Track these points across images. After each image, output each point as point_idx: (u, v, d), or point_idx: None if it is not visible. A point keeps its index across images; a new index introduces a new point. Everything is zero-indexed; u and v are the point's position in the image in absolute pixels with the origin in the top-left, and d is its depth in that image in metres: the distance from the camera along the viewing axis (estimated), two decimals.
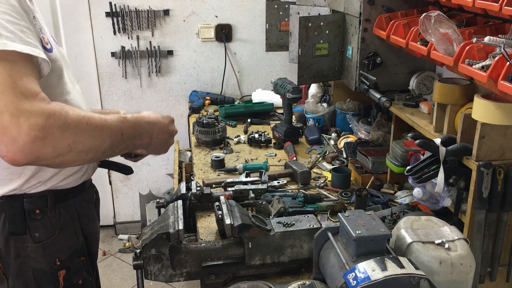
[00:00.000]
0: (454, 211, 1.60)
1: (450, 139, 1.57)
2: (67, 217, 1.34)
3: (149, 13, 3.26)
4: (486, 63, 1.34)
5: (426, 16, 1.53)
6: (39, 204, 1.28)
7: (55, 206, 1.31)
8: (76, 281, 1.38)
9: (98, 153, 1.10)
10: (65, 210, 1.34)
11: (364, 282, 1.09)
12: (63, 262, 1.34)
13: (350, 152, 2.31)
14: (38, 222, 1.28)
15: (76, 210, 1.37)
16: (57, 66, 1.24)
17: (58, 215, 1.32)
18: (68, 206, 1.35)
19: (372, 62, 2.07)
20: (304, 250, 1.47)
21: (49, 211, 1.30)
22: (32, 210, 1.27)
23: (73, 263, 1.37)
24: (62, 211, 1.33)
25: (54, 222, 1.31)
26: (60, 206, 1.32)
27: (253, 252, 1.44)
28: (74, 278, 1.37)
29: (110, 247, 3.60)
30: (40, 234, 1.29)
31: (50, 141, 0.99)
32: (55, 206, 1.31)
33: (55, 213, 1.31)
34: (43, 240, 1.30)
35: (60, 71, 1.27)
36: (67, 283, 1.36)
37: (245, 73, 3.54)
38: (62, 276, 1.34)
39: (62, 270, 1.34)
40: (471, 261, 1.24)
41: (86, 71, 3.36)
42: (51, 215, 1.30)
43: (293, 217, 1.55)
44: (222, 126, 2.60)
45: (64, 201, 1.33)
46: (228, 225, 1.39)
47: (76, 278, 1.38)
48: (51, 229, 1.31)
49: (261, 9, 3.31)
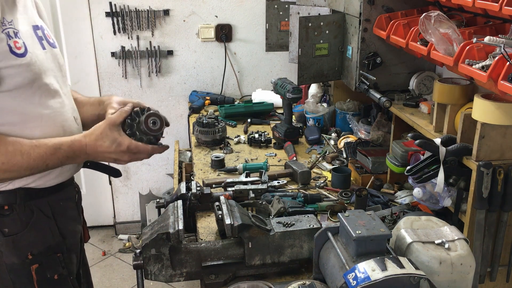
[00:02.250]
0: (454, 211, 1.60)
1: (450, 139, 1.57)
2: (40, 214, 1.36)
3: (149, 13, 3.26)
4: (486, 63, 1.34)
5: (426, 16, 1.53)
6: (8, 201, 1.31)
7: (25, 203, 1.33)
8: (51, 276, 1.39)
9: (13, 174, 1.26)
10: (38, 208, 1.36)
11: (364, 282, 1.09)
12: (36, 257, 1.35)
13: (350, 152, 2.31)
14: (7, 217, 1.31)
15: (50, 208, 1.39)
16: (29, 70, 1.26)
17: (29, 212, 1.34)
18: (41, 204, 1.37)
19: (372, 62, 2.07)
20: (304, 250, 1.47)
21: (18, 208, 1.32)
22: (1, 206, 1.31)
23: (47, 258, 1.38)
24: (34, 209, 1.35)
25: (24, 219, 1.33)
26: (32, 204, 1.34)
27: (253, 252, 1.44)
28: (49, 273, 1.38)
29: (110, 247, 3.60)
30: (9, 229, 1.32)
31: None
32: (25, 203, 1.33)
33: (25, 210, 1.33)
34: (12, 235, 1.32)
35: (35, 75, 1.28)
36: (41, 277, 1.37)
37: (245, 73, 3.54)
38: (35, 270, 1.36)
39: (35, 264, 1.36)
40: (471, 261, 1.24)
41: (86, 71, 3.36)
42: (20, 211, 1.32)
43: (293, 217, 1.55)
44: (222, 126, 2.60)
45: (36, 199, 1.35)
46: (228, 225, 1.39)
47: (51, 273, 1.39)
48: (21, 225, 1.33)
49: (261, 9, 3.31)
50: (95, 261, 3.43)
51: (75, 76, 3.36)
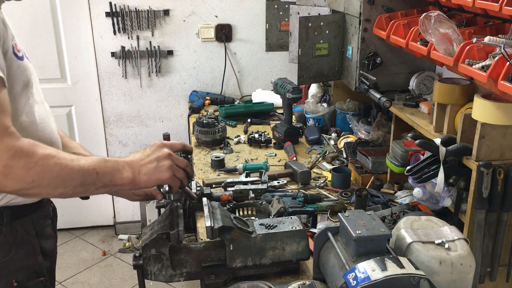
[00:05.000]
0: (454, 211, 1.60)
1: (450, 139, 1.57)
2: (24, 234, 1.27)
3: (149, 13, 3.26)
4: (486, 63, 1.34)
5: (426, 16, 1.53)
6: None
7: (11, 223, 1.24)
8: None
9: (68, 189, 1.11)
10: (22, 227, 1.27)
11: (364, 282, 1.09)
12: (21, 283, 1.26)
13: (350, 152, 2.30)
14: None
15: (33, 227, 1.30)
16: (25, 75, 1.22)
17: (15, 233, 1.25)
18: (25, 223, 1.28)
19: (372, 62, 2.07)
20: (286, 253, 1.45)
21: (4, 229, 1.23)
22: None
23: (32, 283, 1.29)
24: (19, 229, 1.26)
25: (11, 240, 1.24)
26: (17, 223, 1.25)
27: (234, 255, 1.43)
28: None
29: (110, 247, 3.60)
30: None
31: (13, 177, 1.02)
32: (11, 223, 1.24)
33: (11, 231, 1.24)
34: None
35: (28, 81, 1.24)
36: None
37: (245, 73, 3.54)
38: None
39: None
40: (471, 261, 1.24)
41: (86, 71, 3.36)
42: (7, 232, 1.23)
43: (277, 219, 1.53)
44: (222, 126, 2.61)
45: (21, 218, 1.26)
46: (208, 227, 1.37)
47: None
48: (7, 248, 1.24)
49: (261, 9, 3.31)
50: (95, 261, 3.43)
51: (75, 76, 3.36)
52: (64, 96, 3.38)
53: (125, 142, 3.58)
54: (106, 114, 3.49)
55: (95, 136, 3.51)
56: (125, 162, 1.21)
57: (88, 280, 3.24)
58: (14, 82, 1.18)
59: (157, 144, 1.29)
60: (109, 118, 3.50)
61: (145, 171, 1.22)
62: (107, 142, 3.55)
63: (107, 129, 3.53)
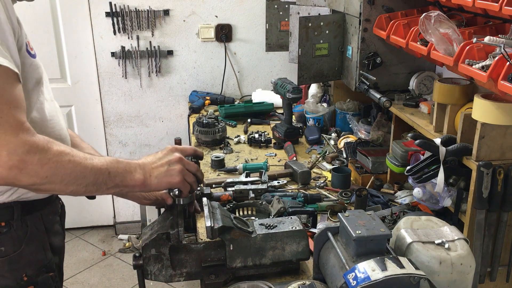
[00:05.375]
0: (454, 211, 1.60)
1: (450, 139, 1.57)
2: (34, 230, 1.28)
3: (149, 13, 3.26)
4: (486, 63, 1.34)
5: (426, 16, 1.53)
6: (5, 216, 1.22)
7: (21, 218, 1.25)
8: None
9: (80, 187, 1.13)
10: (32, 222, 1.28)
11: (364, 282, 1.09)
12: (31, 278, 1.27)
13: (350, 152, 2.30)
14: (4, 235, 1.22)
15: (43, 223, 1.32)
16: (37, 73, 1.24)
17: (25, 228, 1.26)
18: (35, 219, 1.29)
19: (372, 62, 2.07)
20: (286, 253, 1.45)
21: (15, 224, 1.24)
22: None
23: (41, 278, 1.30)
24: (29, 224, 1.27)
25: (21, 235, 1.25)
26: (27, 219, 1.26)
27: (234, 254, 1.43)
28: None
29: (110, 247, 3.60)
30: (6, 248, 1.23)
31: (28, 172, 1.04)
32: (21, 218, 1.25)
33: (22, 226, 1.25)
34: (10, 254, 1.23)
35: (40, 78, 1.26)
36: None
37: (245, 73, 3.54)
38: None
39: (30, 286, 1.27)
40: (471, 261, 1.24)
41: (86, 71, 3.36)
42: (17, 227, 1.24)
43: (277, 219, 1.53)
44: (222, 126, 2.61)
45: (31, 213, 1.27)
46: (208, 227, 1.37)
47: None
48: (18, 243, 1.25)
49: (261, 9, 3.31)
50: (95, 261, 3.43)
51: (75, 76, 3.36)
52: (64, 96, 3.38)
53: (125, 142, 3.58)
54: (106, 114, 3.49)
55: (95, 136, 3.50)
56: (137, 164, 1.24)
57: (88, 280, 3.24)
58: (27, 79, 1.20)
59: (169, 148, 1.32)
60: (109, 118, 3.50)
61: (156, 174, 1.25)
62: (107, 142, 3.55)
63: (107, 129, 3.53)
